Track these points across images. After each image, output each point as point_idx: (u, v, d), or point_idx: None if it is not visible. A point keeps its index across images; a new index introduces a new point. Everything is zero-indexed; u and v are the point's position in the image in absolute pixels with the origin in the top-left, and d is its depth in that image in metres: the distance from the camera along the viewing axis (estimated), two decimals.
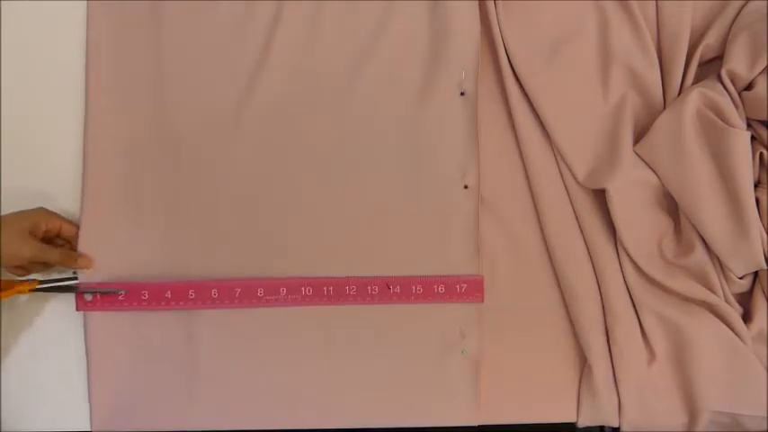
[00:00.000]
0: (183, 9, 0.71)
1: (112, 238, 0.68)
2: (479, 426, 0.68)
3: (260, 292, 0.68)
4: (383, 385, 0.69)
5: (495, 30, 0.69)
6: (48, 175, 0.70)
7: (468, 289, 0.69)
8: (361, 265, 0.69)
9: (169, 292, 0.68)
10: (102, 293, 0.67)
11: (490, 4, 0.70)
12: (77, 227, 0.68)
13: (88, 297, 0.67)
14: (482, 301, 0.69)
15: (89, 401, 0.68)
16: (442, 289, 0.69)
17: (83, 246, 0.68)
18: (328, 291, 0.69)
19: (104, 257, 0.68)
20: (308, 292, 0.69)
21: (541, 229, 0.70)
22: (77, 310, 0.67)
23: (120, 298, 0.67)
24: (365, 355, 0.69)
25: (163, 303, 0.67)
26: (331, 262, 0.69)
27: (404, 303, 0.69)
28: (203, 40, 0.71)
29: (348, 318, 0.69)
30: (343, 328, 0.69)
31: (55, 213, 0.67)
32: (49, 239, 0.67)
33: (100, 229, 0.68)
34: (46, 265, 0.66)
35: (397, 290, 0.69)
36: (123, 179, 0.69)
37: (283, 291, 0.69)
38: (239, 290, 0.68)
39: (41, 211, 0.66)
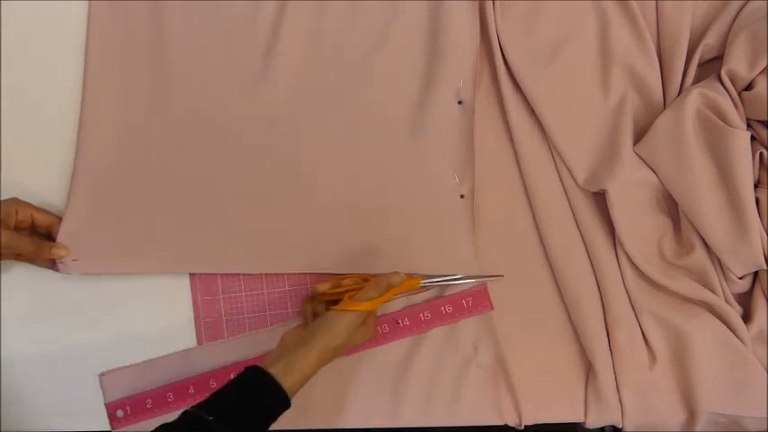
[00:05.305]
0: (185, 8, 0.70)
1: (95, 233, 0.66)
2: (479, 426, 0.68)
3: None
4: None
5: (492, 32, 0.69)
6: (46, 177, 0.69)
7: (475, 301, 0.68)
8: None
9: (192, 387, 0.67)
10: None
11: (489, 5, 0.69)
12: (54, 216, 0.66)
13: (119, 414, 0.66)
14: (491, 310, 0.68)
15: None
16: (449, 309, 0.68)
17: (62, 237, 0.65)
18: None
19: (87, 252, 0.66)
20: None
21: (540, 234, 0.70)
22: (113, 430, 0.66)
23: (148, 406, 0.66)
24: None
25: (189, 399, 0.67)
26: (329, 266, 0.68)
27: (416, 334, 0.68)
28: (204, 39, 0.70)
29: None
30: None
31: (27, 203, 0.65)
32: (27, 231, 0.65)
33: (82, 225, 0.66)
34: (22, 256, 0.64)
35: (407, 322, 0.68)
36: (117, 174, 0.68)
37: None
38: None
39: (12, 200, 0.64)
